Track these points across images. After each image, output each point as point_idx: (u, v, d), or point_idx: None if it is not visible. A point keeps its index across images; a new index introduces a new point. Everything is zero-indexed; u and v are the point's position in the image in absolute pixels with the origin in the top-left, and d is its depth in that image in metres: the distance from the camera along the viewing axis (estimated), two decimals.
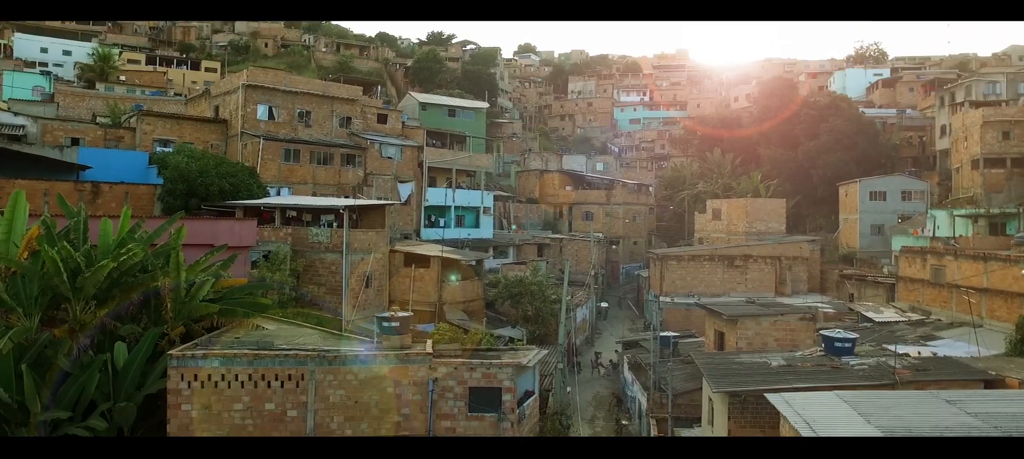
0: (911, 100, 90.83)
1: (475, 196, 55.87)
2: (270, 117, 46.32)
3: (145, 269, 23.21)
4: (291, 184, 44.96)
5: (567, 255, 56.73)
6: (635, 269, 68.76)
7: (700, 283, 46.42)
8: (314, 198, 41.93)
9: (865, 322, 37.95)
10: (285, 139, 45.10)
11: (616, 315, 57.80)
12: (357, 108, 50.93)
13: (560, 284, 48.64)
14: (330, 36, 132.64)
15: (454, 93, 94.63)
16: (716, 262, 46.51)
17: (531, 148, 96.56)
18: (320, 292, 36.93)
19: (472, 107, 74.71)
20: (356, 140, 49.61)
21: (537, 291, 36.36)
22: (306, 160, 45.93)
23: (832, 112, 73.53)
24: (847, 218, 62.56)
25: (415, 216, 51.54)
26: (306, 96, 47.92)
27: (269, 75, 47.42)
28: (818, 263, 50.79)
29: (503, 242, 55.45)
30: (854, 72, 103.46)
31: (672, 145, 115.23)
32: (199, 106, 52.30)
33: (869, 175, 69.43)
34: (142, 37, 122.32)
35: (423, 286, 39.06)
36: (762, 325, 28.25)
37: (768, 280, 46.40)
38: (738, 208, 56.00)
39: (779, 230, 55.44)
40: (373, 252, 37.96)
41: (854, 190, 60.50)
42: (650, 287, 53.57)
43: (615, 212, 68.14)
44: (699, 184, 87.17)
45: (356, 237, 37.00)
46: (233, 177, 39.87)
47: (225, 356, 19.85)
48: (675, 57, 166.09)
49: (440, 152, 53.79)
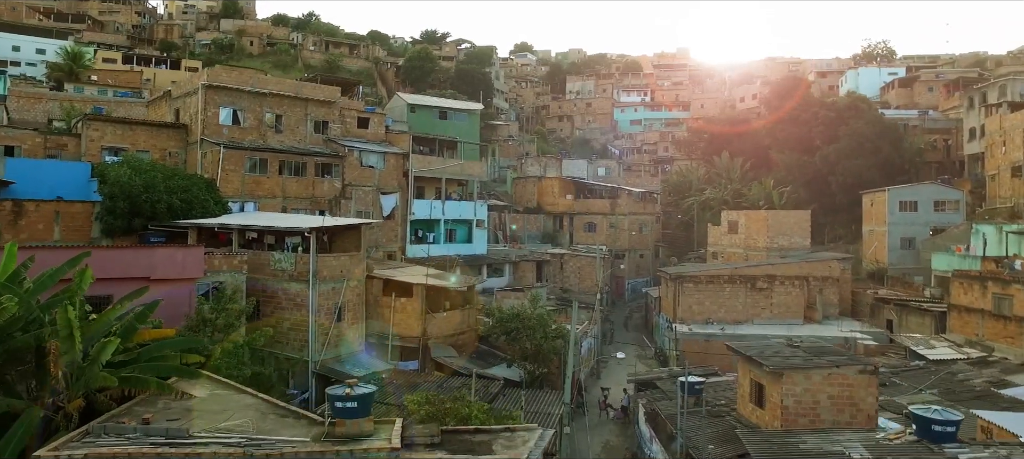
0: (930, 100, 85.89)
1: (467, 208, 50.68)
2: (235, 122, 41.05)
3: (33, 323, 18.00)
4: (257, 198, 39.69)
5: (569, 273, 51.55)
6: (641, 285, 63.58)
7: (720, 308, 41.24)
8: (279, 216, 36.60)
9: (916, 359, 32.86)
10: (250, 147, 39.83)
11: (623, 338, 52.60)
12: (335, 111, 45.67)
13: (561, 308, 43.50)
14: (319, 34, 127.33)
15: (446, 94, 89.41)
16: (738, 285, 41.31)
17: (528, 152, 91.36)
18: (284, 328, 31.68)
19: (465, 109, 69.40)
20: (333, 147, 44.38)
21: (537, 326, 31.20)
22: (275, 170, 40.64)
23: (852, 114, 68.51)
24: (873, 230, 57.43)
25: (400, 231, 46.33)
26: (276, 98, 42.65)
27: (233, 74, 42.10)
28: (849, 283, 45.61)
29: (498, 259, 50.26)
30: (867, 71, 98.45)
31: (676, 148, 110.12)
32: (160, 109, 47.00)
33: (892, 181, 64.42)
34: (121, 35, 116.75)
35: (405, 318, 33.81)
36: (813, 380, 23.04)
37: (796, 305, 41.24)
38: (758, 221, 50.83)
39: (803, 246, 50.28)
40: (346, 280, 32.69)
41: (881, 199, 55.39)
42: (660, 309, 48.39)
43: (620, 223, 62.92)
44: (706, 190, 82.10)
45: (326, 264, 31.72)
46: (186, 192, 34.62)
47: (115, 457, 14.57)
48: (676, 56, 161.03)
49: (428, 160, 48.55)
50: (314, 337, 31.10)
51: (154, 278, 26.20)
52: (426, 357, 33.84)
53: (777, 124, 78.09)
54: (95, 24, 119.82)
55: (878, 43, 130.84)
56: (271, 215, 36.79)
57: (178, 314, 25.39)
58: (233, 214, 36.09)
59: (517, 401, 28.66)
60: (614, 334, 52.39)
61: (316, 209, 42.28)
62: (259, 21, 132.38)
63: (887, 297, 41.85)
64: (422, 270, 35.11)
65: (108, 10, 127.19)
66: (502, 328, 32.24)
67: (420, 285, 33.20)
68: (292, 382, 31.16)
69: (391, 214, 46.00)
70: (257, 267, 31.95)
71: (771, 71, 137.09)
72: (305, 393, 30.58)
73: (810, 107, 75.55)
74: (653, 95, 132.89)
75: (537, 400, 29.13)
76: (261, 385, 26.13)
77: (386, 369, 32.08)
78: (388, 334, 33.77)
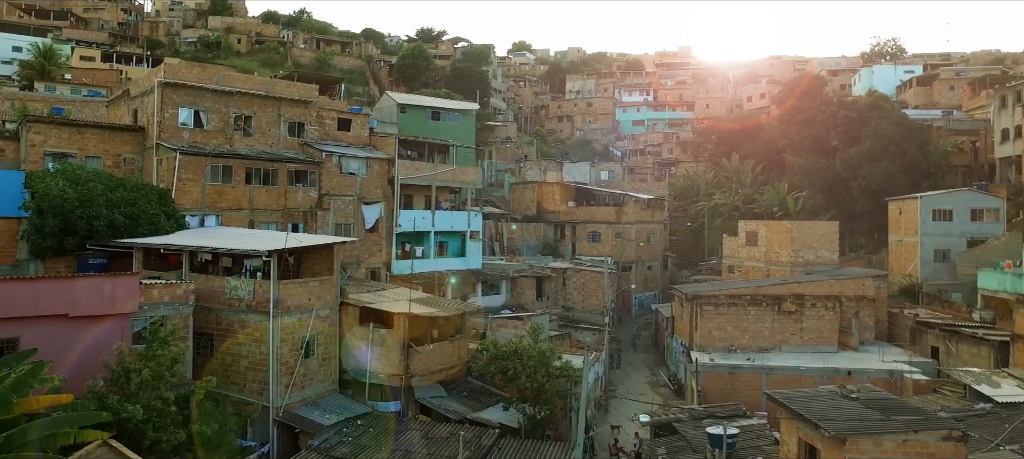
0: (951, 100, 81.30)
1: (460, 218, 46.01)
2: (197, 124, 36.31)
3: None
4: (220, 211, 34.95)
5: (572, 289, 46.91)
6: (650, 300, 58.95)
7: (743, 334, 36.57)
8: (240, 233, 31.78)
9: (979, 400, 28.24)
10: (212, 152, 35.08)
11: (631, 361, 47.94)
12: (312, 112, 40.97)
13: (565, 333, 38.82)
14: (310, 32, 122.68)
15: (441, 93, 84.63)
16: (763, 308, 36.62)
17: (527, 154, 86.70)
18: (241, 368, 27.01)
19: (460, 109, 64.69)
20: (309, 152, 39.68)
21: (538, 365, 26.57)
22: (241, 179, 35.89)
23: (874, 114, 63.87)
24: (902, 240, 52.84)
25: (385, 246, 41.64)
26: (245, 97, 37.92)
27: (194, 70, 37.34)
28: (885, 303, 40.94)
29: (494, 274, 45.60)
30: (883, 69, 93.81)
31: (681, 149, 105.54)
32: (119, 110, 42.29)
33: (918, 187, 59.91)
34: (103, 33, 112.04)
35: (386, 352, 29.14)
36: (885, 448, 18.45)
37: (829, 330, 36.57)
38: (780, 233, 46.12)
39: (831, 260, 45.59)
40: (316, 309, 28.00)
41: (912, 208, 50.79)
42: (674, 331, 43.73)
43: (627, 232, 58.15)
44: (716, 195, 77.53)
45: (291, 291, 27.03)
46: (132, 206, 29.96)
47: None
48: (677, 54, 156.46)
49: (417, 165, 43.86)
50: (276, 379, 26.42)
51: (75, 315, 21.64)
52: (410, 398, 29.17)
53: (792, 125, 73.48)
54: (79, 21, 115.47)
55: (887, 41, 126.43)
56: (232, 231, 32.06)
57: (96, 359, 20.77)
58: (188, 231, 31.36)
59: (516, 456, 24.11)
60: (621, 355, 47.73)
61: (289, 222, 37.58)
62: (249, 18, 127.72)
63: (931, 321, 37.18)
64: (407, 293, 30.41)
65: (93, 7, 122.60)
66: (497, 366, 27.54)
67: (402, 315, 28.50)
68: (250, 432, 26.50)
69: (375, 226, 41.31)
70: (210, 295, 27.28)
71: (776, 70, 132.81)
72: (265, 446, 25.92)
73: (827, 107, 70.94)
74: (656, 94, 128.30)
75: (540, 455, 24.52)
76: (207, 446, 21.48)
77: (363, 413, 27.46)
78: (366, 371, 29.12)
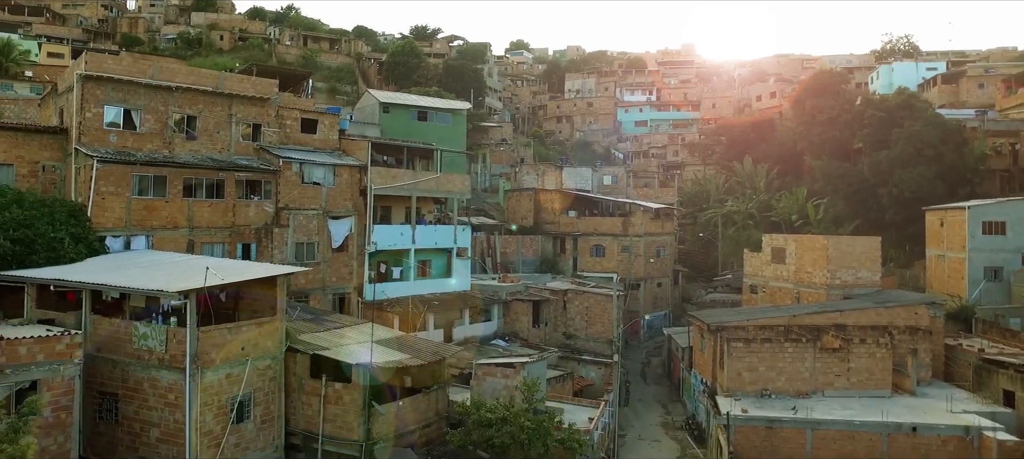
0: (981, 98, 75.47)
1: (445, 233, 40.06)
2: (128, 125, 30.37)
3: None
4: (151, 230, 28.98)
5: (574, 314, 41.00)
6: (660, 320, 53.06)
7: (779, 375, 30.61)
8: (162, 260, 25.54)
9: None
10: (143, 160, 29.12)
11: (642, 395, 42.08)
12: (271, 111, 35.01)
13: (565, 376, 32.89)
14: (297, 28, 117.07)
15: (431, 92, 78.74)
16: (803, 344, 30.69)
17: (524, 157, 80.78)
18: (151, 439, 21.07)
19: (449, 108, 58.87)
20: (266, 158, 33.72)
21: (535, 436, 20.66)
22: (178, 191, 29.89)
23: (905, 114, 58.02)
24: (944, 255, 47.03)
25: (355, 267, 35.68)
26: (188, 93, 31.93)
27: (124, 62, 31.36)
28: (941, 335, 34.98)
29: (485, 299, 39.65)
30: (903, 66, 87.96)
31: (688, 151, 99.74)
32: (48, 109, 36.37)
33: (955, 193, 54.15)
34: (77, 29, 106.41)
35: (342, 412, 23.19)
36: None
37: (881, 370, 30.59)
38: (814, 250, 40.09)
39: (872, 282, 39.60)
40: (251, 360, 22.06)
41: (957, 219, 44.98)
42: (692, 365, 37.82)
43: (635, 246, 52.15)
44: (728, 201, 71.78)
45: (216, 341, 21.06)
46: (26, 228, 24.00)
47: None
48: (680, 53, 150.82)
49: (395, 173, 37.87)
50: (196, 453, 20.47)
51: None
52: None
53: (812, 126, 67.64)
54: (56, 18, 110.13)
55: (900, 38, 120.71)
56: (157, 259, 26.03)
57: None
58: (99, 258, 25.33)
59: None
60: (630, 389, 41.86)
61: (238, 242, 31.66)
62: (234, 15, 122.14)
63: (1003, 359, 31.21)
64: (367, 344, 24.41)
65: (72, 3, 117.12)
66: (481, 435, 21.58)
67: (361, 367, 22.55)
68: None
69: (344, 244, 35.34)
70: (114, 343, 21.37)
71: (784, 68, 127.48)
72: None
73: (852, 106, 65.12)
74: (659, 94, 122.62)
75: None
76: None
77: None
78: (318, 436, 23.18)
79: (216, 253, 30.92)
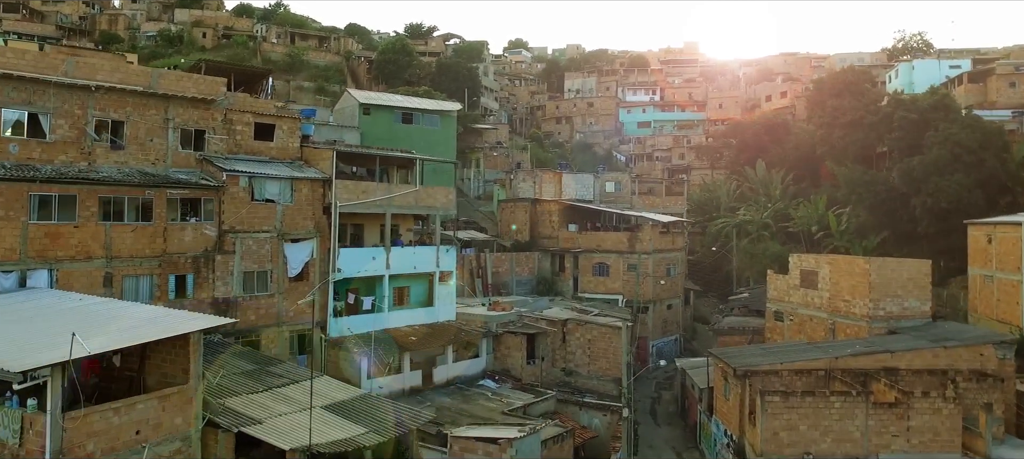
0: (1012, 98, 70.05)
1: (426, 256, 34.64)
2: (33, 132, 25.02)
3: None
4: (54, 263, 23.59)
5: (574, 347, 35.63)
6: (670, 345, 47.65)
7: (824, 436, 25.21)
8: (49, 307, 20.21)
9: None
10: (45, 176, 23.74)
11: (651, 439, 36.67)
12: (217, 115, 29.62)
13: (564, 436, 27.46)
14: (285, 26, 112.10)
15: (421, 92, 73.28)
16: (853, 399, 25.32)
17: (520, 162, 75.40)
18: None
19: (437, 110, 53.49)
20: (209, 171, 28.35)
21: None
22: (92, 213, 24.53)
23: (939, 115, 52.63)
24: (992, 276, 41.57)
25: (318, 299, 30.25)
26: (114, 94, 26.56)
27: (29, 56, 25.90)
28: (1013, 381, 29.59)
29: (471, 331, 34.25)
30: (924, 64, 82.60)
31: (694, 154, 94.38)
32: None
33: (995, 204, 48.86)
34: (50, 26, 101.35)
35: None
36: None
37: (949, 429, 25.21)
38: (853, 274, 34.55)
39: (921, 312, 34.20)
40: (148, 447, 16.69)
41: (1012, 236, 39.49)
42: (713, 411, 32.42)
43: (643, 264, 46.67)
44: (740, 210, 66.39)
45: (95, 427, 15.68)
46: None
47: None
48: (684, 51, 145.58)
49: (366, 186, 32.45)
50: None
51: None
52: None
53: (833, 128, 62.29)
54: (33, 14, 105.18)
55: (913, 35, 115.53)
56: (40, 303, 20.61)
57: None
58: None
59: None
60: (638, 431, 36.41)
61: (170, 274, 26.27)
62: (219, 12, 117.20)
63: None
64: (331, 387, 19.02)
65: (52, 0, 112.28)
66: None
67: (298, 451, 17.17)
68: None
69: (303, 272, 29.96)
70: None
71: (791, 67, 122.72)
72: None
73: (875, 107, 59.79)
74: (662, 93, 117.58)
75: None
76: None
77: None
78: None
79: (142, 288, 25.63)
